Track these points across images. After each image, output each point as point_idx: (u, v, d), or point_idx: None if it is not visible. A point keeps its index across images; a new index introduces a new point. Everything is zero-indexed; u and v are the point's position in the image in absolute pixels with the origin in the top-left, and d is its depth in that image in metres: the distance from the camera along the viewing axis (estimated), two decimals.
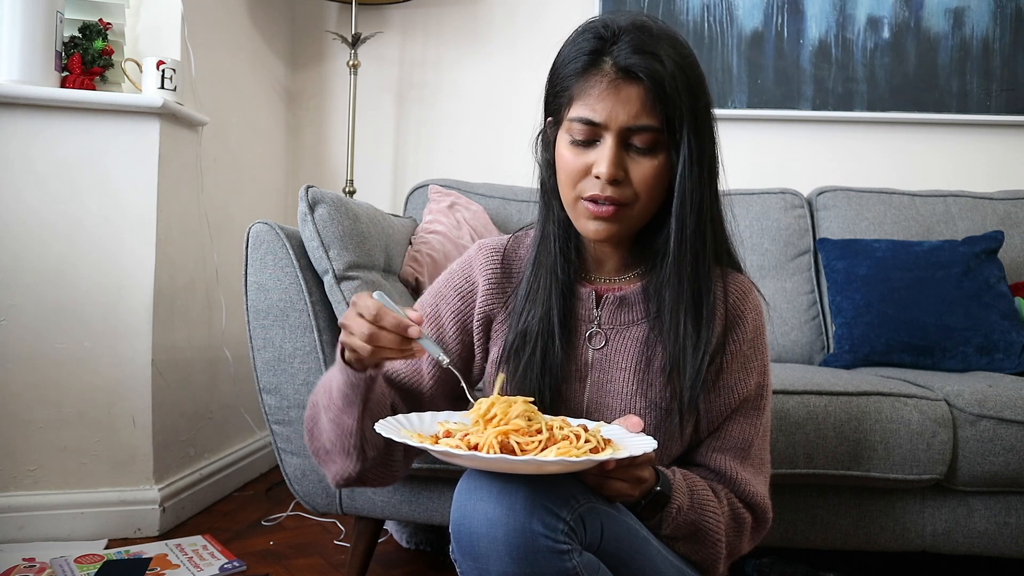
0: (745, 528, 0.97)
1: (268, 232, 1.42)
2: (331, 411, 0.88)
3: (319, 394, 0.92)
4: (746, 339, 0.96)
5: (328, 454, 0.92)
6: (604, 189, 0.87)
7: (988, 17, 2.44)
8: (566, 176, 0.90)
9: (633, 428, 0.84)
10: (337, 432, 0.89)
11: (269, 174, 2.51)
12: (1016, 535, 1.42)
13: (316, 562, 1.65)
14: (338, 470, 0.92)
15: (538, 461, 0.70)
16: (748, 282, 0.99)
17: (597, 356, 0.96)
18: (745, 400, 0.97)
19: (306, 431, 0.95)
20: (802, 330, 2.00)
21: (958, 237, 2.01)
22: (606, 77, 0.86)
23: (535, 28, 2.55)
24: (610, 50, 0.86)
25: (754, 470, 0.98)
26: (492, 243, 1.04)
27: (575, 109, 0.88)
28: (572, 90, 0.89)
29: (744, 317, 0.96)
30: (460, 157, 2.58)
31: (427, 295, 1.05)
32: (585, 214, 0.90)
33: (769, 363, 1.01)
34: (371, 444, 0.90)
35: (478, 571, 0.77)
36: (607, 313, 0.97)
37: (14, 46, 1.68)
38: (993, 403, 1.39)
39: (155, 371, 1.80)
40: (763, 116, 2.49)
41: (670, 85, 0.84)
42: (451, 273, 1.04)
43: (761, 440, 0.99)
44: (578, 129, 0.87)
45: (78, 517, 1.73)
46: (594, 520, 0.79)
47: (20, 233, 1.71)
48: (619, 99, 0.85)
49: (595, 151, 0.88)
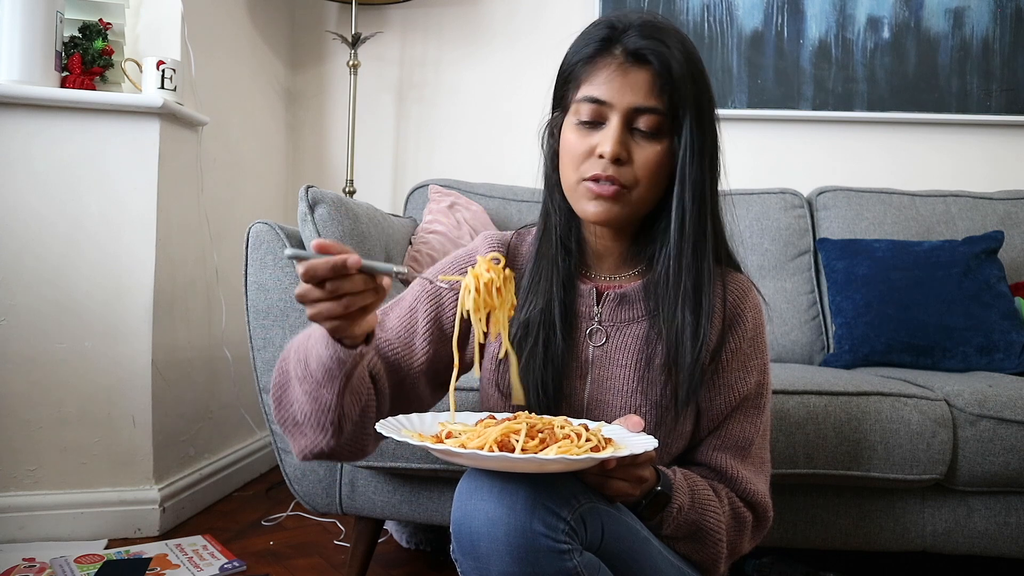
0: (746, 527, 0.97)
1: (268, 232, 1.42)
2: (307, 383, 0.83)
3: (290, 361, 0.87)
4: (746, 337, 0.97)
5: (299, 426, 0.87)
6: (606, 168, 0.88)
7: (988, 17, 2.44)
8: (570, 158, 0.91)
9: (634, 428, 0.84)
10: (313, 406, 0.84)
11: (269, 174, 2.51)
12: (1016, 535, 1.42)
13: (316, 562, 1.65)
14: (308, 443, 0.87)
15: (539, 459, 0.70)
16: (748, 281, 0.99)
17: (598, 353, 0.96)
18: (745, 399, 0.97)
19: (272, 399, 0.89)
20: (802, 330, 2.00)
21: (958, 237, 2.01)
22: (615, 60, 0.88)
23: (535, 28, 2.55)
24: (619, 37, 0.89)
25: (755, 469, 0.99)
26: (497, 235, 1.04)
27: (583, 90, 0.90)
28: (580, 75, 0.91)
29: (744, 316, 0.96)
30: (460, 157, 2.58)
31: (428, 272, 1.03)
32: (586, 194, 0.90)
33: (769, 362, 1.01)
34: (348, 419, 0.85)
35: (479, 571, 0.77)
36: (608, 310, 0.97)
37: (14, 46, 1.68)
38: (993, 403, 1.39)
39: (155, 371, 1.80)
40: (763, 116, 2.49)
41: (677, 71, 0.87)
42: (455, 257, 1.04)
43: (761, 439, 0.99)
44: (585, 110, 0.89)
45: (78, 517, 1.73)
46: (595, 520, 0.79)
47: (20, 233, 1.71)
48: (627, 81, 0.88)
49: (600, 133, 0.89)
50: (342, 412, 0.84)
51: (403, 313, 1.00)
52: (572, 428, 0.78)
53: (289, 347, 0.89)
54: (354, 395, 0.85)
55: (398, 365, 0.97)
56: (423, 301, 0.99)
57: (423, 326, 0.98)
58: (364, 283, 0.74)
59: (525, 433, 0.75)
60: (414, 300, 1.00)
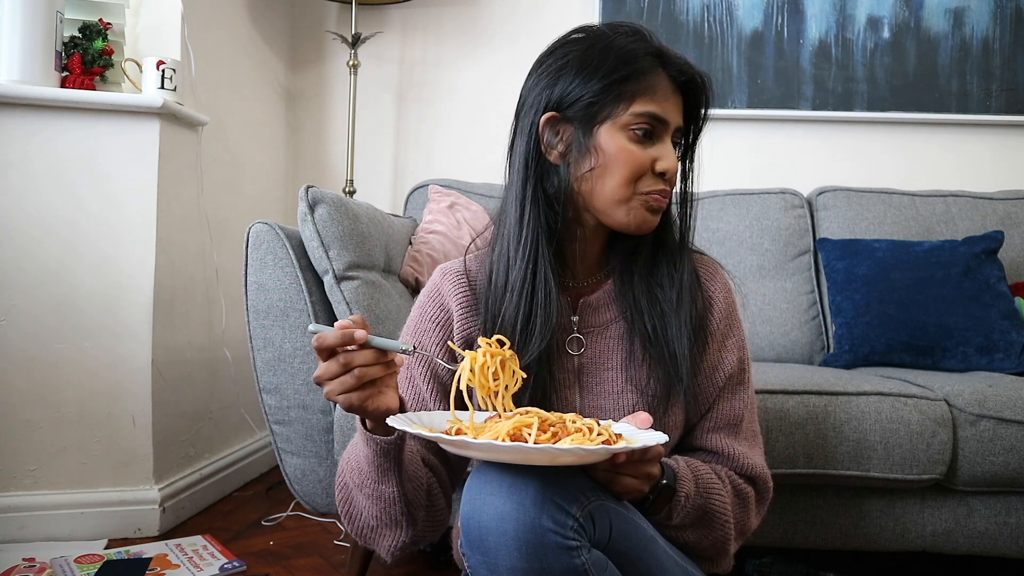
0: (749, 502, 0.98)
1: (268, 232, 1.42)
2: (366, 487, 0.88)
3: (347, 475, 0.91)
4: (721, 318, 1.00)
5: (374, 531, 0.91)
6: (665, 183, 0.93)
7: (988, 17, 2.44)
8: (629, 171, 0.91)
9: (642, 424, 0.85)
10: (380, 506, 0.88)
11: (269, 174, 2.51)
12: (1016, 535, 1.42)
13: (316, 562, 1.65)
14: (390, 543, 0.91)
15: (553, 450, 0.70)
16: (713, 262, 1.04)
17: (583, 361, 0.98)
18: (730, 377, 1.00)
19: (343, 515, 0.93)
20: (802, 330, 2.00)
21: (958, 237, 2.01)
22: (672, 81, 0.93)
23: (535, 28, 2.55)
24: (665, 58, 0.93)
25: (748, 443, 1.01)
26: (454, 267, 1.03)
27: (642, 104, 0.91)
28: (634, 86, 0.91)
29: (714, 296, 1.00)
30: (460, 157, 2.58)
31: (405, 333, 1.03)
32: (643, 206, 0.93)
33: (746, 338, 1.04)
34: (418, 506, 0.90)
35: (486, 565, 0.77)
36: (584, 317, 0.98)
37: (14, 46, 1.68)
38: (993, 403, 1.39)
39: (155, 371, 1.80)
40: (763, 116, 2.49)
41: (705, 105, 0.96)
42: (422, 306, 1.03)
43: (750, 413, 1.03)
44: (644, 124, 0.91)
45: (78, 517, 1.73)
46: (603, 517, 0.79)
47: (20, 233, 1.71)
48: (675, 103, 0.94)
49: (656, 148, 0.92)
50: (407, 501, 0.88)
51: (404, 385, 1.01)
52: (584, 423, 0.78)
53: (342, 464, 0.94)
54: (413, 481, 0.88)
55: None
56: (414, 367, 1.00)
57: (426, 387, 0.99)
58: (375, 356, 0.78)
59: (537, 427, 0.75)
60: (407, 369, 1.01)
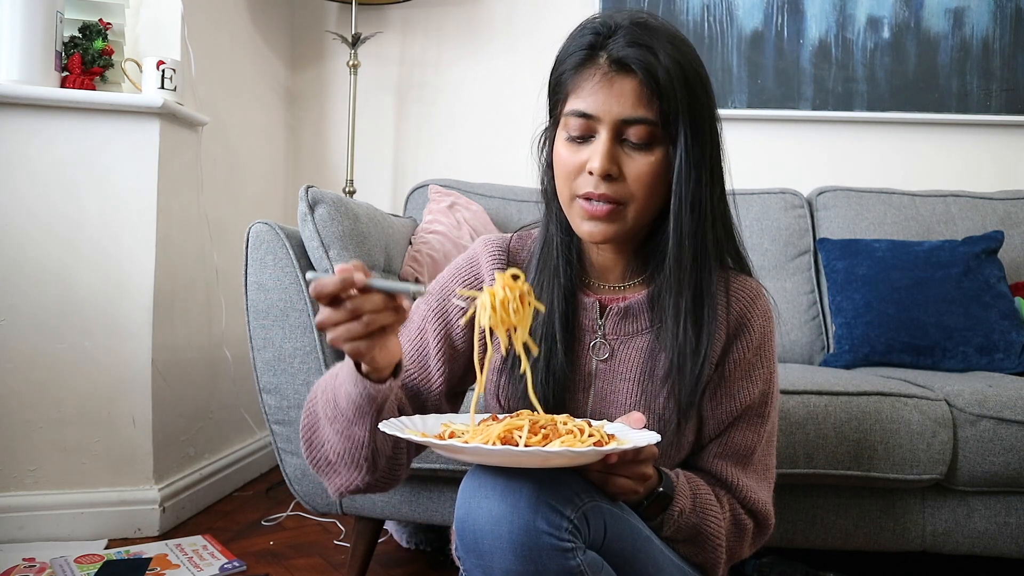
0: (746, 534, 0.96)
1: (268, 232, 1.42)
2: (338, 422, 0.84)
3: (318, 403, 0.87)
4: (752, 346, 0.94)
5: (332, 465, 0.88)
6: (598, 186, 0.85)
7: (988, 17, 2.44)
8: (562, 174, 0.89)
9: (635, 424, 0.84)
10: (346, 444, 0.84)
11: (269, 174, 2.51)
12: (1016, 535, 1.42)
13: (316, 562, 1.65)
14: (343, 481, 0.88)
15: (543, 452, 0.70)
16: (757, 286, 0.96)
17: (601, 367, 0.95)
18: (748, 408, 0.95)
19: (303, 441, 0.89)
20: (802, 330, 2.00)
21: (958, 237, 2.01)
22: (600, 70, 0.85)
23: (535, 28, 2.55)
24: (605, 44, 0.85)
25: (757, 477, 0.97)
26: (496, 239, 1.02)
27: (570, 103, 0.87)
28: (568, 85, 0.88)
29: (751, 324, 0.94)
30: (460, 157, 2.58)
31: (431, 289, 1.01)
32: (580, 214, 0.88)
33: (776, 371, 0.97)
34: (382, 454, 0.86)
35: (482, 568, 0.76)
36: (611, 324, 0.95)
37: (14, 46, 1.68)
38: (993, 403, 1.39)
39: (155, 371, 1.80)
40: (763, 116, 2.49)
41: (664, 78, 0.83)
42: (457, 268, 1.02)
43: (765, 446, 0.98)
44: (574, 124, 0.87)
45: (78, 517, 1.73)
46: (598, 518, 0.79)
47: (20, 233, 1.71)
48: (612, 92, 0.84)
49: (589, 147, 0.86)
50: (375, 448, 0.84)
51: (413, 336, 0.98)
52: (575, 424, 0.78)
53: (315, 388, 0.89)
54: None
55: (418, 391, 0.97)
56: (431, 320, 0.98)
57: (435, 345, 0.97)
58: (384, 302, 0.73)
59: (528, 429, 0.75)
60: (422, 320, 0.98)
